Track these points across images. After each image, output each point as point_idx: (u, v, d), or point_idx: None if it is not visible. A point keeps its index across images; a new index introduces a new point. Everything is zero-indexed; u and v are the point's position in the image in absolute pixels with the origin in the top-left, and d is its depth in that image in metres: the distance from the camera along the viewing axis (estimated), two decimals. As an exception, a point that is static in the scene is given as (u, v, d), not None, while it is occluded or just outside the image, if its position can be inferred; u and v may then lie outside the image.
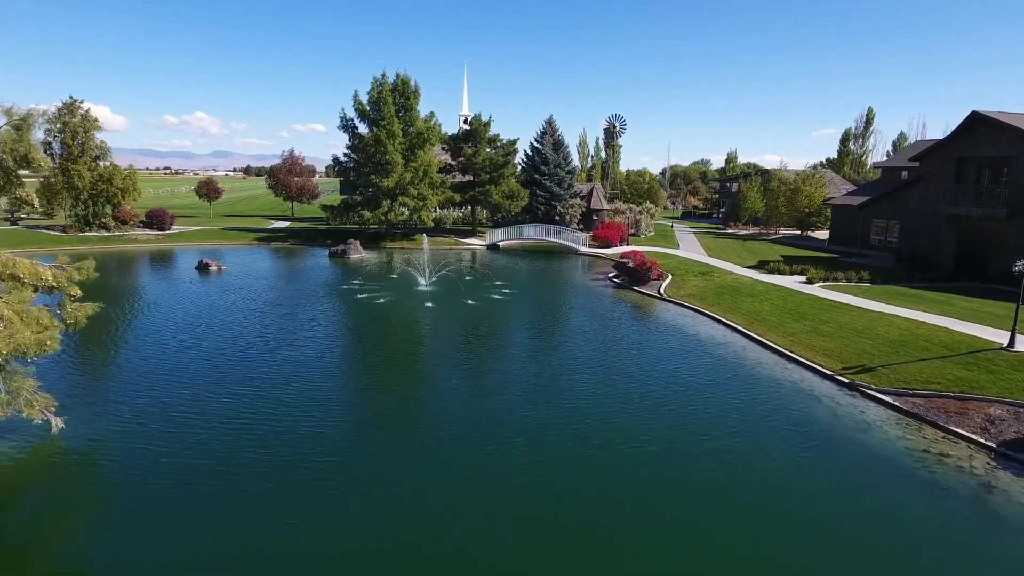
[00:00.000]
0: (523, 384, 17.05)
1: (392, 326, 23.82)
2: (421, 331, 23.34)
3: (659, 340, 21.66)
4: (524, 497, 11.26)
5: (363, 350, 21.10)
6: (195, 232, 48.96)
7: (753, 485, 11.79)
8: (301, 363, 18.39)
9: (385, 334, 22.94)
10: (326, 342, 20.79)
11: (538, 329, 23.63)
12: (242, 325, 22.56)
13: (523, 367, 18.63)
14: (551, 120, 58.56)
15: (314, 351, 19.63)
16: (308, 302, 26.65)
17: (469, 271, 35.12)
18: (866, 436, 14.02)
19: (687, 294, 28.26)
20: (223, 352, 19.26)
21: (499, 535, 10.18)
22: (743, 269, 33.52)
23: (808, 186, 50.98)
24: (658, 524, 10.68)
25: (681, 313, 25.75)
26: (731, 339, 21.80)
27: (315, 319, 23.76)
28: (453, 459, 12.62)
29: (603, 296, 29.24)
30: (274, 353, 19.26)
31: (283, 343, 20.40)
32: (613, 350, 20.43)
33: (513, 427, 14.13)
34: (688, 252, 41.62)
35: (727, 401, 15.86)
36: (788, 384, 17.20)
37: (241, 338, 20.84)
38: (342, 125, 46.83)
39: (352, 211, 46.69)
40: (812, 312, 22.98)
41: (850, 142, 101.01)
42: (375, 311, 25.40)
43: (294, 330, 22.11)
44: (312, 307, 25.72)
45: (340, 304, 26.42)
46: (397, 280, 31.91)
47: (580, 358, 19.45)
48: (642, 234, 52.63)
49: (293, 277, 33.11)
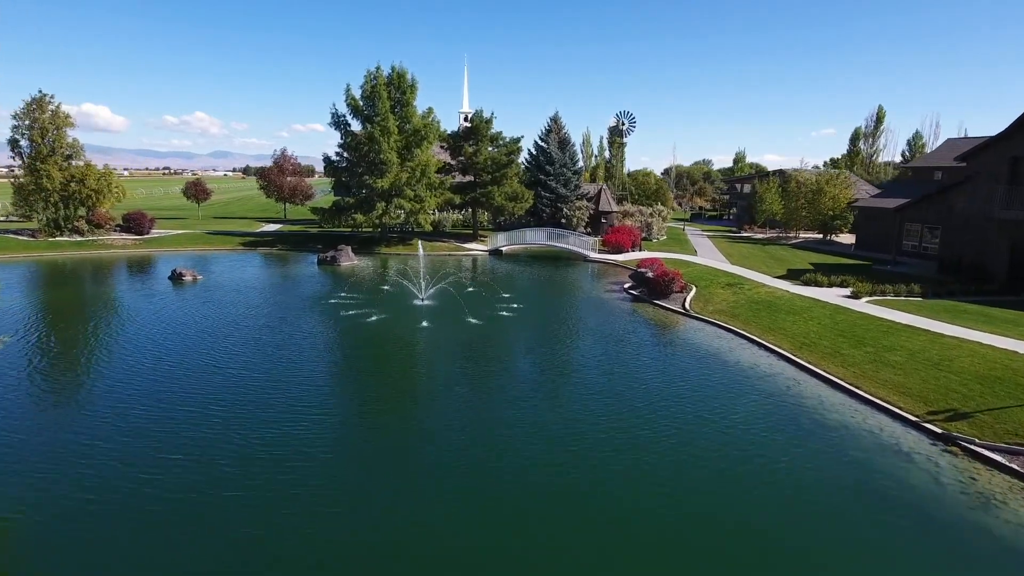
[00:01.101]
0: (533, 444, 13.79)
1: (380, 353, 20.56)
2: (414, 361, 20.03)
3: (695, 371, 18.38)
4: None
5: (343, 388, 17.80)
6: (176, 236, 45.68)
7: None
8: (265, 404, 15.15)
9: (371, 364, 19.68)
10: (299, 376, 17.52)
11: (551, 360, 20.25)
12: (203, 352, 19.29)
13: (533, 412, 15.36)
14: (556, 117, 55.28)
15: (282, 389, 16.37)
16: (286, 321, 23.39)
17: (470, 281, 31.89)
18: (986, 516, 10.77)
19: (716, 310, 25.01)
20: (169, 395, 16.00)
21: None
22: (773, 279, 30.26)
23: (832, 187, 47.73)
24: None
25: (713, 334, 22.50)
26: (778, 368, 18.54)
27: (290, 344, 20.50)
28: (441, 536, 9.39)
29: (621, 312, 25.99)
30: (236, 389, 16.02)
31: (249, 374, 17.15)
32: (643, 388, 17.14)
33: (524, 511, 10.90)
34: (708, 259, 38.37)
35: (798, 466, 12.58)
36: (865, 435, 13.95)
37: (199, 369, 17.59)
38: (333, 122, 43.59)
39: (344, 214, 43.46)
40: (870, 335, 19.72)
41: (859, 141, 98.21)
42: (362, 334, 22.13)
43: (263, 359, 18.85)
44: (289, 328, 22.46)
45: (323, 324, 23.14)
46: (390, 293, 28.65)
47: (605, 402, 16.17)
48: (654, 238, 49.41)
49: (275, 288, 29.85)
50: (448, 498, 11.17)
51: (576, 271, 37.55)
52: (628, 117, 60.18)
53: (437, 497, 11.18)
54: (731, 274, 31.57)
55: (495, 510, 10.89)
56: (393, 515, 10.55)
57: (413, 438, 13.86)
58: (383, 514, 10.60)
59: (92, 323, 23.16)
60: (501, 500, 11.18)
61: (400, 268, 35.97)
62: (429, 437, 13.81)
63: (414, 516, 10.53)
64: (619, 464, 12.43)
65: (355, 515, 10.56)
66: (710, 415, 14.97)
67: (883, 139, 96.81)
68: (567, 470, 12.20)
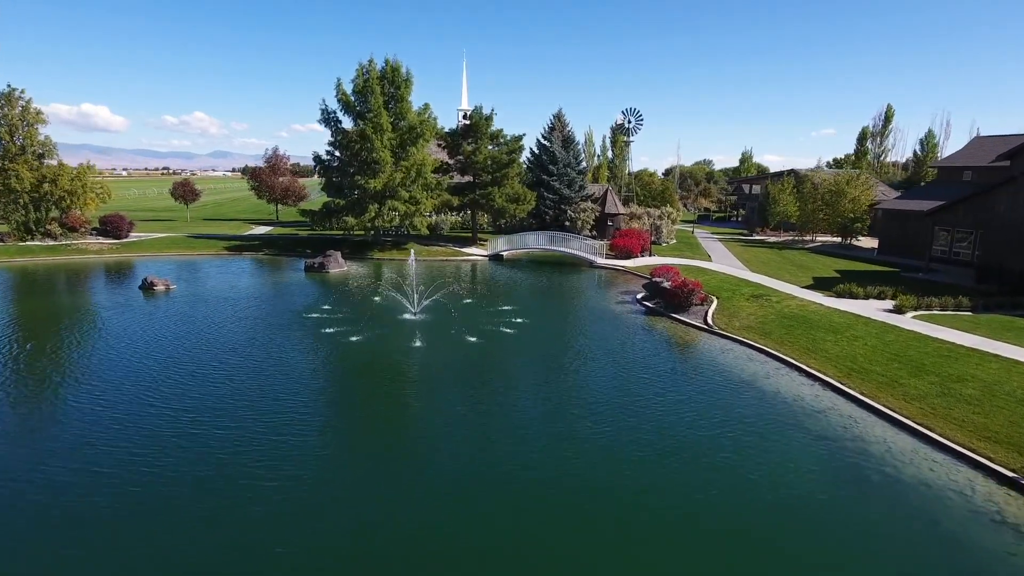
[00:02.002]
0: (539, 509, 11.13)
1: (363, 382, 17.87)
2: (402, 392, 17.29)
3: (728, 405, 15.69)
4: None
5: (314, 426, 15.12)
6: (156, 240, 43.02)
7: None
8: (222, 447, 12.50)
9: (351, 396, 16.98)
10: (263, 411, 14.86)
11: (560, 394, 17.39)
12: (151, 386, 16.61)
13: (541, 469, 12.70)
14: (560, 114, 52.65)
15: (243, 428, 13.72)
16: (259, 340, 20.71)
17: (468, 291, 29.20)
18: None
19: (744, 326, 22.32)
20: (89, 452, 13.34)
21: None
22: (801, 289, 27.57)
23: (852, 188, 45.01)
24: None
25: (744, 355, 19.80)
26: (826, 400, 15.86)
27: (259, 370, 17.81)
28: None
29: (636, 328, 23.30)
30: (195, 425, 13.37)
31: (208, 405, 14.49)
32: (670, 430, 14.46)
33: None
34: (724, 265, 35.68)
35: (879, 547, 9.91)
36: (954, 497, 11.25)
37: (154, 397, 14.94)
38: (323, 118, 40.91)
39: (335, 216, 40.79)
40: (930, 360, 17.05)
41: (867, 141, 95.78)
42: (342, 358, 19.40)
43: (227, 390, 16.19)
44: (260, 351, 19.78)
45: (298, 346, 20.41)
46: (380, 305, 25.96)
47: (630, 449, 13.49)
48: (663, 242, 46.71)
49: (253, 300, 27.16)
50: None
51: (582, 278, 34.88)
52: (635, 115, 57.46)
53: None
54: (754, 283, 28.87)
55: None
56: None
57: (398, 502, 11.19)
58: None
59: (37, 343, 20.45)
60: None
61: (393, 276, 33.33)
62: (416, 503, 11.14)
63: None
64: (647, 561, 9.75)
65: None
66: (755, 469, 12.27)
67: (891, 138, 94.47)
68: (581, 557, 9.54)
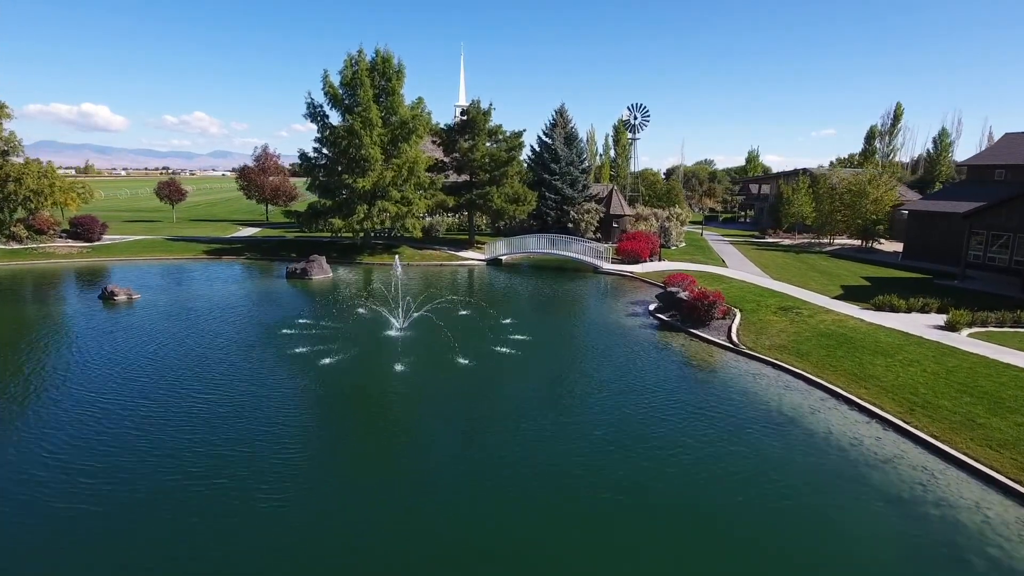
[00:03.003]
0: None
1: (329, 424, 15.10)
2: (373, 436, 14.51)
3: (771, 453, 12.92)
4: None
5: (268, 478, 12.38)
6: (130, 243, 40.27)
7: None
8: (155, 500, 9.75)
9: (317, 438, 14.16)
10: (205, 454, 12.10)
11: (560, 435, 14.68)
12: (91, 416, 13.87)
13: (542, 541, 9.93)
14: (562, 109, 49.86)
15: (179, 475, 10.95)
16: (219, 361, 17.95)
17: (462, 301, 26.40)
18: None
19: (775, 345, 19.54)
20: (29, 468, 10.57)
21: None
22: (832, 301, 24.79)
23: (875, 188, 42.22)
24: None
25: (779, 382, 17.03)
26: (890, 445, 13.07)
27: (215, 400, 15.06)
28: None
29: (650, 347, 20.53)
30: (130, 476, 10.61)
31: (150, 442, 11.73)
32: (695, 493, 11.69)
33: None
34: (741, 271, 32.91)
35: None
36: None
37: (86, 430, 12.19)
38: (309, 113, 38.16)
39: (321, 218, 38.06)
40: (1008, 393, 14.27)
41: (875, 140, 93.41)
42: (313, 385, 16.57)
43: (173, 426, 13.43)
44: (220, 371, 17.04)
45: (264, 369, 17.61)
46: (363, 318, 23.16)
47: (639, 526, 10.74)
48: (672, 245, 43.94)
49: (223, 312, 24.38)
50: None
51: (588, 286, 32.12)
52: (641, 111, 54.62)
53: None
54: (779, 293, 26.07)
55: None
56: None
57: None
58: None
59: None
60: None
61: (382, 283, 30.59)
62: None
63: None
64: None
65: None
66: (810, 550, 9.51)
67: (900, 137, 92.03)
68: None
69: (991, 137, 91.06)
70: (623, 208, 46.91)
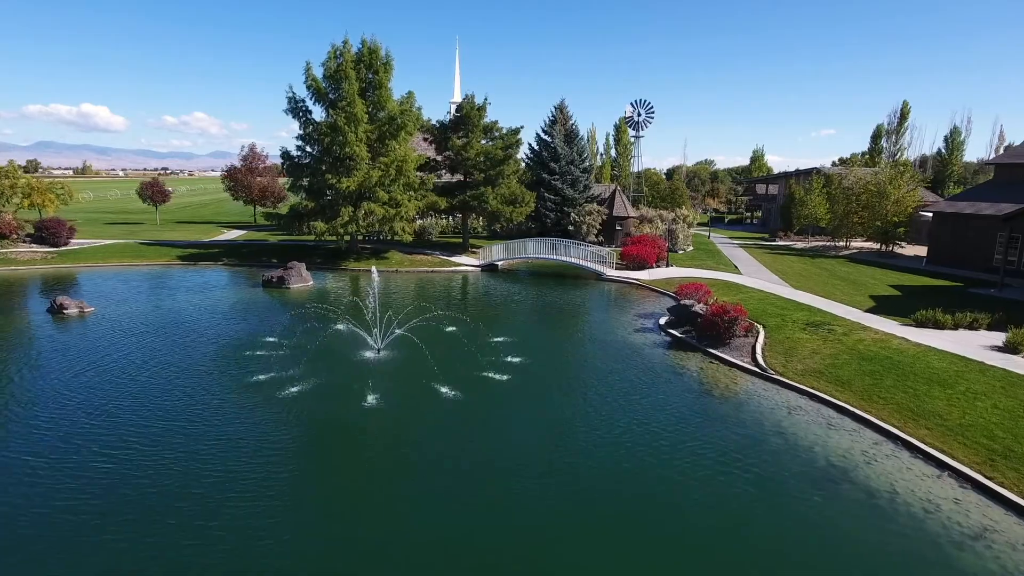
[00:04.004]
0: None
1: (280, 475, 12.49)
2: (335, 494, 11.97)
3: (826, 523, 10.30)
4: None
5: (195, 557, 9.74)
6: (101, 248, 37.64)
7: None
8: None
9: (260, 497, 11.56)
10: (97, 544, 9.50)
11: (556, 493, 12.20)
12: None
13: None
14: (562, 105, 47.31)
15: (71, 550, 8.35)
16: (160, 393, 15.31)
17: (452, 314, 23.76)
18: None
19: (808, 369, 16.91)
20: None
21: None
22: (864, 314, 22.13)
23: (896, 189, 39.58)
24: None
25: (820, 417, 14.40)
26: (976, 512, 10.43)
27: (136, 451, 12.45)
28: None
29: (663, 371, 17.91)
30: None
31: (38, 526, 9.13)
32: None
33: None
34: (757, 279, 30.26)
35: None
36: None
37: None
38: (291, 108, 35.51)
39: (303, 221, 35.46)
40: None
41: (881, 139, 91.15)
42: (265, 425, 13.89)
43: (90, 478, 10.83)
44: (157, 406, 14.43)
45: (213, 403, 14.99)
46: (339, 336, 20.46)
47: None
48: (679, 249, 41.29)
49: (182, 327, 21.75)
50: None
51: (591, 295, 29.50)
52: (645, 107, 51.96)
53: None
54: (804, 305, 23.41)
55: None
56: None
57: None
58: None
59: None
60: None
61: (366, 293, 27.99)
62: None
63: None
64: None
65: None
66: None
67: (907, 136, 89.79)
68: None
69: (1002, 136, 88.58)
70: (627, 210, 44.28)
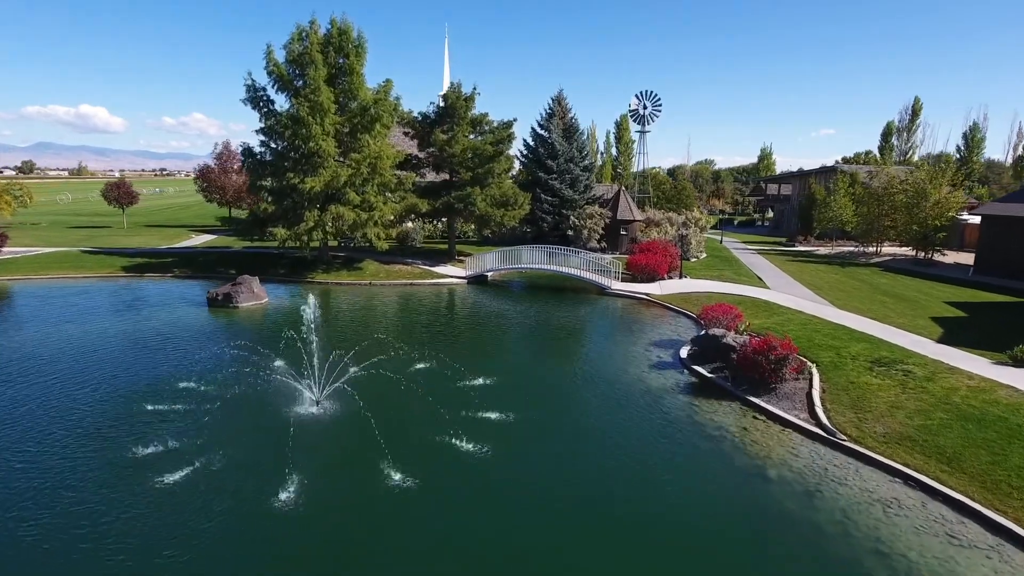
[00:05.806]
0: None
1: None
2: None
3: None
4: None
5: None
6: (37, 257, 33.20)
7: None
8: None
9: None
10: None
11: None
12: None
13: None
14: (560, 97, 42.88)
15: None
16: (17, 473, 10.90)
17: (423, 345, 19.28)
18: None
19: (892, 433, 12.44)
20: None
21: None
22: (939, 346, 17.63)
23: (937, 189, 35.17)
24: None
25: (927, 515, 9.94)
26: None
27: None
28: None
29: (691, 433, 13.46)
30: None
31: None
32: None
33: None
34: (789, 294, 25.80)
35: None
36: None
37: None
38: (249, 97, 31.05)
39: (263, 226, 31.03)
40: None
41: (892, 136, 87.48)
42: (131, 535, 9.52)
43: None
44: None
45: (66, 492, 10.59)
46: (274, 379, 15.99)
47: None
48: (692, 256, 36.83)
49: (81, 361, 17.26)
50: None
51: (594, 315, 25.09)
52: (651, 99, 47.55)
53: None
54: (860, 334, 18.85)
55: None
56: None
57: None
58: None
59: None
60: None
61: (331, 312, 23.56)
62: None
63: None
64: None
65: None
66: None
67: (919, 133, 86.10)
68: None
69: (1021, 133, 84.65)
70: (632, 212, 39.84)
